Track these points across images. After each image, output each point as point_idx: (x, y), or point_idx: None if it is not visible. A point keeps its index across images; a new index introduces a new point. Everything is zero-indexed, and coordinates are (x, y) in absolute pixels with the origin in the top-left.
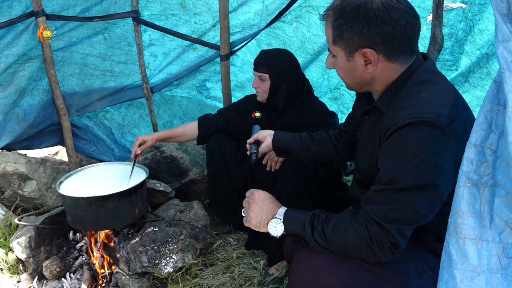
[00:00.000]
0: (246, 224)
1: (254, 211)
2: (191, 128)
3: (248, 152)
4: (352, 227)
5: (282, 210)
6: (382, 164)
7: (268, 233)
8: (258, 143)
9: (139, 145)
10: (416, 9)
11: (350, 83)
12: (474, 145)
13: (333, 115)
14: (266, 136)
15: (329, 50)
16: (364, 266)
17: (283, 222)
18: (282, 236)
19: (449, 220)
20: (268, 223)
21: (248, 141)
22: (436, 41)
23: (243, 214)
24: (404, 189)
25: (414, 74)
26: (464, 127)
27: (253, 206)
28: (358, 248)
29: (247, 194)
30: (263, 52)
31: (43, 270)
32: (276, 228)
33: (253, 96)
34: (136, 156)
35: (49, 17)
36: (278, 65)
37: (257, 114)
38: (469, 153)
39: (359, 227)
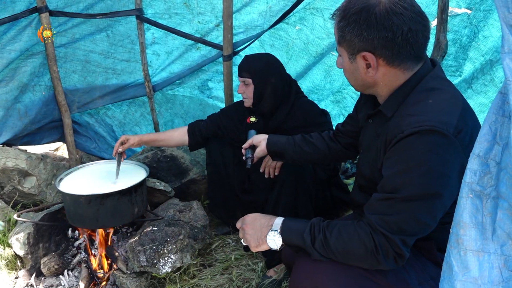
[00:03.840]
0: (252, 250)
1: (249, 233)
2: (179, 134)
3: (243, 157)
4: (357, 235)
5: (279, 221)
6: (386, 171)
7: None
8: (253, 148)
9: (122, 143)
10: None
11: (354, 84)
12: (477, 156)
13: (324, 113)
14: (260, 141)
15: (337, 50)
16: (365, 274)
17: (281, 233)
18: (283, 248)
19: (451, 231)
20: (266, 236)
21: (243, 146)
22: (440, 47)
23: (243, 243)
24: (408, 199)
25: (422, 81)
26: (471, 136)
27: (247, 229)
28: (363, 257)
29: (237, 224)
30: (245, 57)
31: (41, 266)
32: (274, 241)
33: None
34: (120, 154)
35: (52, 13)
36: (261, 69)
37: (252, 119)
38: (473, 164)
39: (364, 236)
